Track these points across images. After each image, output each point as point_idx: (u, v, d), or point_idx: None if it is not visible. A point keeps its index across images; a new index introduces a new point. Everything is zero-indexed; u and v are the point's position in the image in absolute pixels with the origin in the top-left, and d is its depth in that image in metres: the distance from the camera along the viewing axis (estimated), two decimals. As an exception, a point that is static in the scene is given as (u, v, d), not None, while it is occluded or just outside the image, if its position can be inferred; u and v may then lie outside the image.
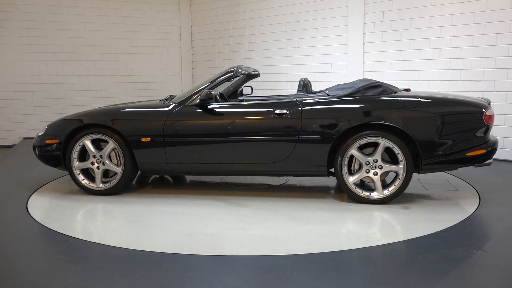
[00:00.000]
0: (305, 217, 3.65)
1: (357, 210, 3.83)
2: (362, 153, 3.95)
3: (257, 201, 4.13)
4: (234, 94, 5.31)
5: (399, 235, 3.26)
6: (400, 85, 6.55)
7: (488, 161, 3.90)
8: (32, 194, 4.46)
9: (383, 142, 3.85)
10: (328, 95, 4.25)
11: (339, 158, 3.96)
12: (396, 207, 3.86)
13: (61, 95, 8.81)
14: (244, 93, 5.51)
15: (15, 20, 8.31)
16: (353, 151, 3.92)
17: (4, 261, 2.88)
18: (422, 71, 6.44)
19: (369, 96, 4.03)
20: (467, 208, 3.82)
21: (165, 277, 2.58)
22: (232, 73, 4.40)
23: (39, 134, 4.59)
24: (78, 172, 4.39)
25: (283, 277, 2.56)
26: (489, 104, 4.02)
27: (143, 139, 4.23)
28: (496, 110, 5.83)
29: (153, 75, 9.55)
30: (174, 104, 4.33)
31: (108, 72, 9.17)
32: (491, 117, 3.90)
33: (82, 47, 8.89)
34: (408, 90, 4.46)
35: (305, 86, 4.81)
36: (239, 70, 4.44)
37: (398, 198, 3.97)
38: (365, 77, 6.98)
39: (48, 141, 4.44)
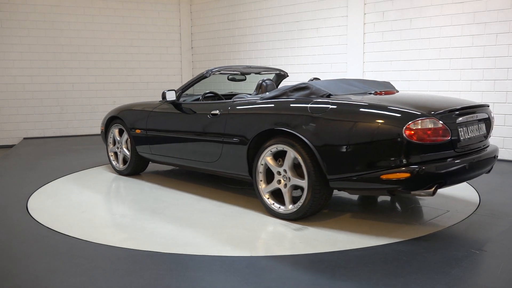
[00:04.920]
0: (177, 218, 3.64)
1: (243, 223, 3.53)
2: (276, 161, 3.58)
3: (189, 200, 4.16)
4: None
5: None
6: (400, 85, 6.59)
7: (426, 190, 2.99)
8: (32, 194, 4.46)
9: (289, 152, 3.43)
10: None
11: (254, 165, 3.70)
12: (289, 225, 3.43)
13: (61, 95, 8.82)
14: None
15: (15, 20, 8.31)
16: (267, 158, 3.59)
17: (4, 261, 2.88)
18: (422, 71, 6.44)
19: (284, 100, 3.65)
20: (467, 208, 3.82)
21: (165, 277, 2.58)
22: (202, 75, 4.52)
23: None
24: (111, 153, 5.41)
25: (283, 277, 2.56)
26: (430, 113, 3.02)
27: (137, 131, 4.96)
28: (496, 110, 5.84)
29: (153, 75, 9.55)
30: (159, 102, 4.85)
31: (108, 72, 9.17)
32: (422, 132, 2.96)
33: (82, 47, 8.90)
34: (385, 93, 3.83)
35: (263, 87, 4.20)
36: (210, 71, 4.54)
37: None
38: (365, 77, 6.98)
39: (101, 128, 5.56)
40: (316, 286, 2.44)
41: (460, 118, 3.22)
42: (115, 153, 5.37)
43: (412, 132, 2.94)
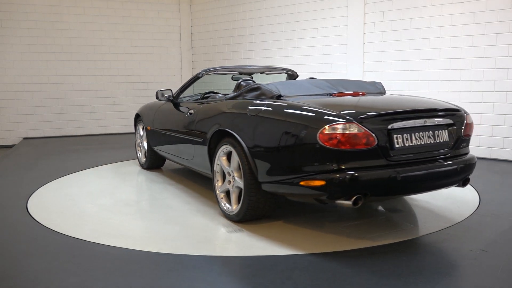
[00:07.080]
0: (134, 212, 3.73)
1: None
2: (229, 162, 3.53)
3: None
4: None
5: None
6: (400, 85, 6.59)
7: (345, 201, 2.76)
8: (32, 194, 4.46)
9: (233, 152, 3.37)
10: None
11: (212, 164, 3.72)
12: (230, 226, 3.41)
13: (61, 95, 8.82)
14: None
15: (15, 20, 8.31)
16: (221, 158, 3.56)
17: (4, 261, 2.88)
18: (422, 71, 6.45)
19: (233, 100, 3.69)
20: (467, 208, 3.82)
21: (165, 277, 2.58)
22: (196, 75, 4.63)
23: None
24: (138, 148, 5.78)
25: (283, 277, 2.56)
26: (354, 118, 2.77)
27: (148, 128, 5.29)
28: (496, 110, 5.84)
29: (153, 75, 9.55)
30: (164, 102, 4.98)
31: (108, 72, 9.17)
32: (340, 137, 2.69)
33: (82, 47, 8.90)
34: (363, 94, 3.60)
35: (242, 87, 3.98)
36: (204, 71, 4.63)
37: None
38: (365, 77, 6.98)
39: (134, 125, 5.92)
40: (316, 286, 2.44)
41: (396, 124, 2.87)
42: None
43: (326, 136, 2.71)
